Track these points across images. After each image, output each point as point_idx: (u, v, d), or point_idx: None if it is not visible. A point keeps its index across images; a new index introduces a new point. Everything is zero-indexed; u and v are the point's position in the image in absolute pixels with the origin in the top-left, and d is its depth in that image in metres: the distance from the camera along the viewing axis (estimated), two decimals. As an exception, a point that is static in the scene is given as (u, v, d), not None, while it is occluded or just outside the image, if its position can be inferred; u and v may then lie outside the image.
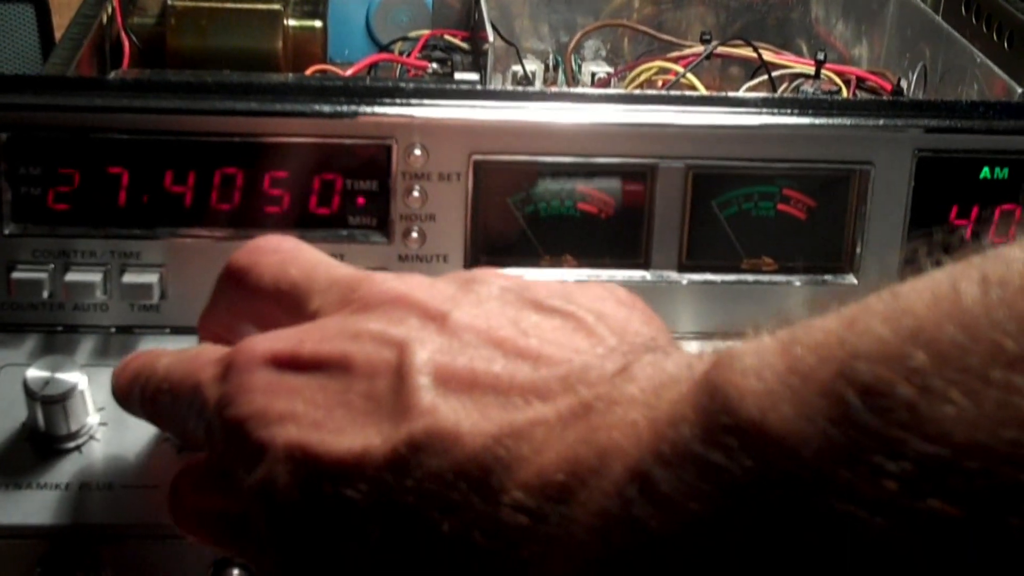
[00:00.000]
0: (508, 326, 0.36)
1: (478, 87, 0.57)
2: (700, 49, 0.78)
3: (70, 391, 0.50)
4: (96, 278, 0.55)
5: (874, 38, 0.83)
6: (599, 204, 0.57)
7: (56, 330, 0.56)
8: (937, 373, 0.24)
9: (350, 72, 0.73)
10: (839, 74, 0.77)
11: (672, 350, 0.34)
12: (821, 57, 0.76)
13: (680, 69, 0.75)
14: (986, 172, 0.57)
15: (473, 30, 0.79)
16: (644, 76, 0.77)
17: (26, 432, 0.51)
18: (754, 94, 0.70)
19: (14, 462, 0.50)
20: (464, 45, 0.80)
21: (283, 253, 0.43)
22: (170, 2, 0.72)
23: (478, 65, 0.75)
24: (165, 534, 0.49)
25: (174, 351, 0.44)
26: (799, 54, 0.84)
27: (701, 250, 0.58)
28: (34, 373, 0.49)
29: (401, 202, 0.56)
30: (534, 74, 0.80)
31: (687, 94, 0.59)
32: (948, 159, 0.57)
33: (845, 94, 0.76)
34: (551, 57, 0.83)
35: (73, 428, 0.50)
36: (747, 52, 0.78)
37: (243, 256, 0.44)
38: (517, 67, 0.79)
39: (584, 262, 0.58)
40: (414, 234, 0.56)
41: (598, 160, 0.56)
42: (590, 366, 0.34)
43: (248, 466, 0.36)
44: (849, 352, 0.26)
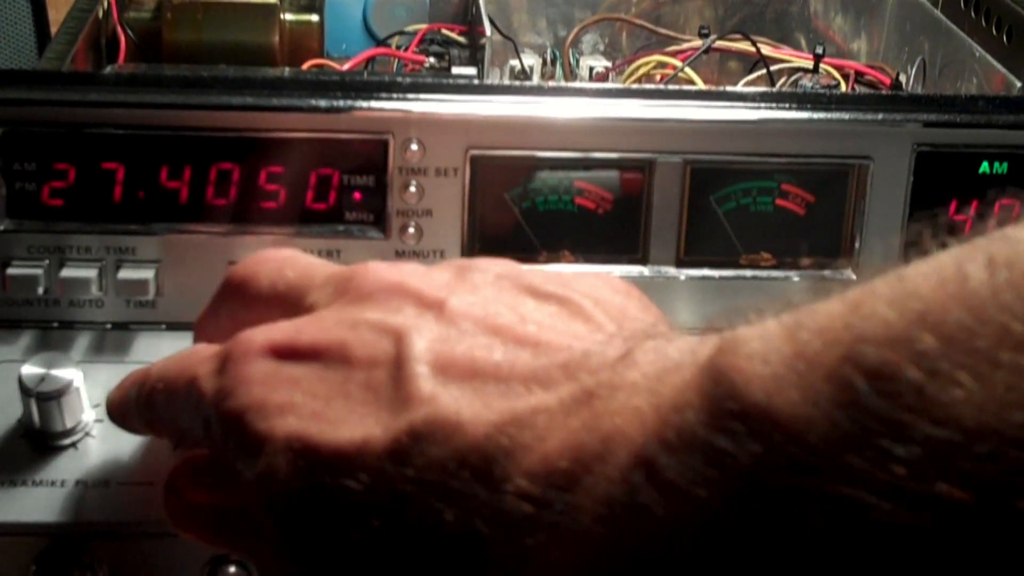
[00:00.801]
0: (506, 313, 0.36)
1: (475, 82, 0.56)
2: (698, 43, 0.78)
3: (65, 388, 0.49)
4: (91, 274, 0.54)
5: (873, 32, 0.83)
6: (597, 199, 0.57)
7: (51, 326, 0.56)
8: (945, 356, 0.24)
9: (347, 66, 0.73)
10: (838, 68, 0.77)
11: (673, 335, 0.34)
12: (820, 51, 0.76)
13: (678, 63, 0.75)
14: (985, 167, 0.57)
15: (470, 24, 0.79)
16: (642, 70, 0.77)
17: (21, 429, 0.50)
18: (752, 88, 0.70)
19: (9, 459, 0.49)
20: (461, 39, 0.80)
21: (281, 260, 0.43)
22: (166, -4, 0.72)
23: (475, 59, 0.75)
24: (162, 531, 0.48)
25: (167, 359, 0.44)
26: (798, 48, 0.83)
27: (699, 245, 0.58)
28: (29, 370, 0.49)
29: (398, 197, 0.55)
30: (532, 68, 0.79)
31: (685, 88, 0.58)
32: (947, 154, 0.57)
33: (844, 88, 0.76)
34: (549, 51, 0.83)
35: (69, 425, 0.50)
36: (745, 46, 0.78)
37: (241, 267, 0.44)
38: (515, 61, 0.78)
39: (581, 257, 0.57)
40: (411, 229, 0.56)
41: (595, 155, 0.56)
42: (591, 352, 0.33)
43: (247, 459, 0.36)
44: (855, 336, 0.26)
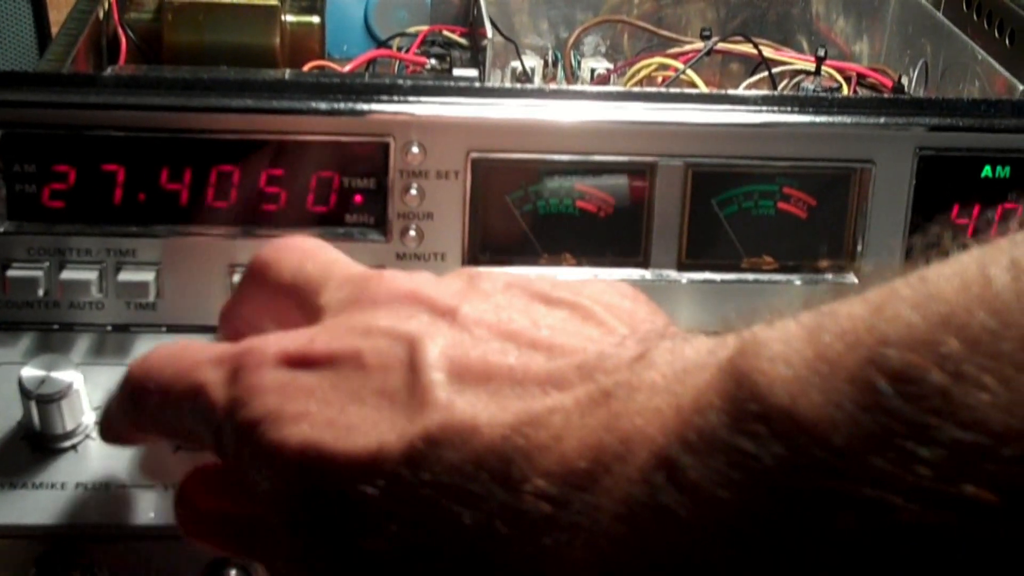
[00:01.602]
0: (518, 318, 0.36)
1: (476, 84, 0.56)
2: (700, 45, 0.78)
3: (65, 390, 0.49)
4: (92, 276, 0.54)
5: (875, 34, 0.83)
6: (598, 202, 0.57)
7: (52, 328, 0.55)
8: (969, 360, 0.24)
9: (348, 68, 0.73)
10: (840, 71, 0.77)
11: (688, 336, 0.34)
12: (822, 54, 0.76)
13: (680, 65, 0.75)
14: (988, 171, 0.57)
15: (472, 26, 0.79)
16: (644, 72, 0.77)
17: (22, 431, 0.50)
18: (754, 92, 0.69)
19: (10, 462, 0.49)
20: (463, 41, 0.79)
21: (304, 251, 0.43)
22: (167, -2, 0.72)
23: (477, 61, 0.74)
24: (161, 534, 0.49)
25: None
26: (800, 50, 0.83)
27: (701, 249, 0.57)
28: (29, 372, 0.49)
29: (399, 200, 0.55)
30: (533, 70, 0.79)
31: (686, 92, 0.58)
32: (950, 157, 0.57)
33: (846, 91, 0.75)
34: (550, 53, 0.83)
35: (69, 427, 0.50)
36: (747, 48, 0.78)
37: (266, 252, 0.44)
38: (516, 63, 0.78)
39: (583, 261, 0.57)
40: (412, 232, 0.56)
41: (597, 158, 0.56)
42: (606, 354, 0.33)
43: (262, 468, 0.36)
44: (878, 339, 0.26)
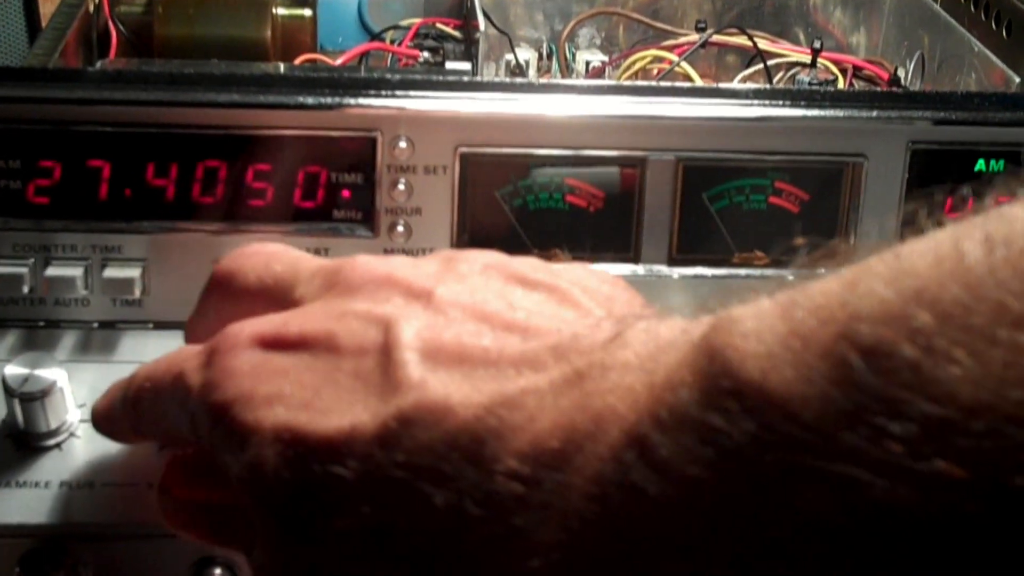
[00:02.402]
0: (494, 300, 0.36)
1: (464, 78, 0.56)
2: (695, 38, 0.77)
3: (49, 388, 0.49)
4: (77, 272, 0.54)
5: (872, 26, 0.82)
6: (588, 197, 0.56)
7: (37, 325, 0.55)
8: (941, 333, 0.24)
9: (340, 61, 0.73)
10: (835, 63, 0.76)
11: (664, 317, 0.34)
12: (817, 45, 0.75)
13: (675, 58, 0.74)
14: (981, 164, 0.56)
15: (466, 18, 0.78)
16: (639, 65, 0.76)
17: (5, 430, 0.50)
18: (745, 85, 0.69)
19: (-6, 460, 0.49)
20: (456, 34, 0.79)
21: (267, 254, 0.43)
22: (157, -10, 0.71)
23: (470, 54, 0.74)
24: (146, 533, 0.49)
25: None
26: (796, 42, 0.83)
27: (692, 244, 0.57)
28: (13, 370, 0.49)
29: (387, 195, 0.55)
30: (527, 63, 0.79)
31: (677, 85, 0.58)
32: (943, 151, 0.56)
33: (841, 83, 0.75)
34: (545, 45, 0.82)
35: (53, 425, 0.50)
36: (743, 40, 0.77)
37: (227, 262, 0.44)
38: (510, 56, 0.78)
39: (573, 256, 0.57)
40: (400, 228, 0.55)
41: (587, 152, 0.55)
42: (580, 335, 0.33)
43: (235, 451, 0.36)
44: (851, 314, 0.26)
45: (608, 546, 0.29)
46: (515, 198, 0.56)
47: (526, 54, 0.79)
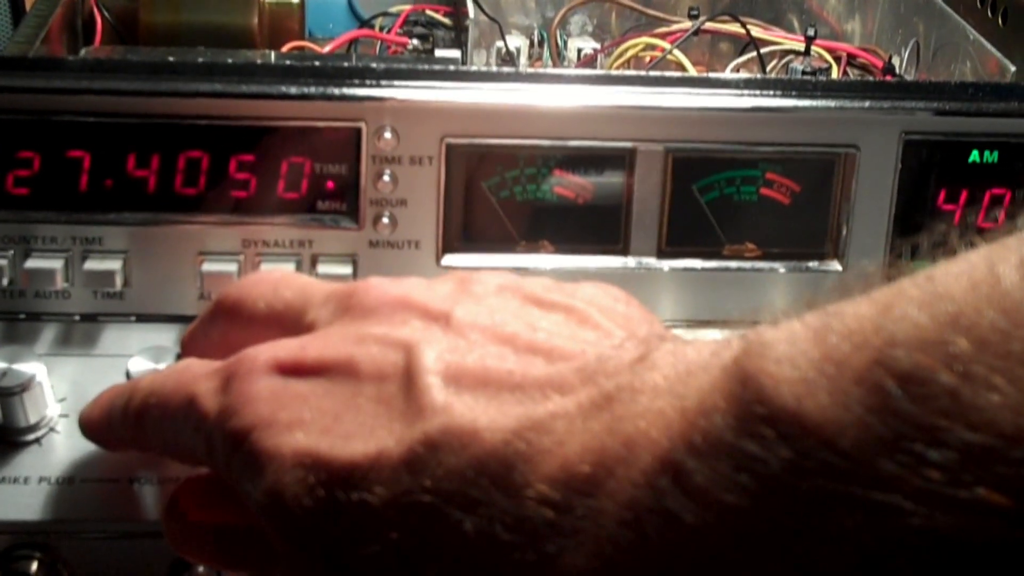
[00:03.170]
0: (513, 322, 0.36)
1: (451, 67, 0.55)
2: (688, 25, 0.76)
3: (28, 382, 0.49)
4: (57, 264, 0.53)
5: (867, 13, 0.81)
6: (576, 189, 0.55)
7: (17, 318, 0.54)
8: (979, 360, 0.24)
9: (327, 49, 0.72)
10: (829, 51, 0.75)
11: (687, 339, 0.34)
12: (811, 33, 0.74)
13: (667, 45, 0.73)
14: (975, 155, 0.55)
15: (455, 5, 0.77)
16: (631, 52, 0.75)
17: (-16, 424, 0.50)
18: (735, 75, 0.68)
19: (-28, 455, 0.49)
20: (446, 21, 0.78)
21: (275, 280, 0.43)
22: (143, -23, 0.70)
23: (459, 42, 0.73)
24: (127, 529, 0.48)
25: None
26: (790, 29, 0.82)
27: (681, 236, 0.56)
28: (-9, 364, 0.48)
29: (371, 187, 0.54)
30: (518, 50, 0.78)
31: (667, 75, 0.57)
32: (936, 142, 0.55)
33: (836, 71, 0.74)
34: (536, 32, 0.81)
35: (32, 420, 0.49)
36: (736, 28, 0.76)
37: (234, 289, 0.44)
38: (501, 43, 0.77)
39: (561, 248, 0.56)
40: (385, 219, 0.54)
41: (575, 143, 0.55)
42: (606, 357, 0.33)
43: (255, 477, 0.36)
44: (886, 339, 0.26)
45: (641, 572, 0.29)
46: (502, 190, 0.55)
47: (517, 41, 0.78)
